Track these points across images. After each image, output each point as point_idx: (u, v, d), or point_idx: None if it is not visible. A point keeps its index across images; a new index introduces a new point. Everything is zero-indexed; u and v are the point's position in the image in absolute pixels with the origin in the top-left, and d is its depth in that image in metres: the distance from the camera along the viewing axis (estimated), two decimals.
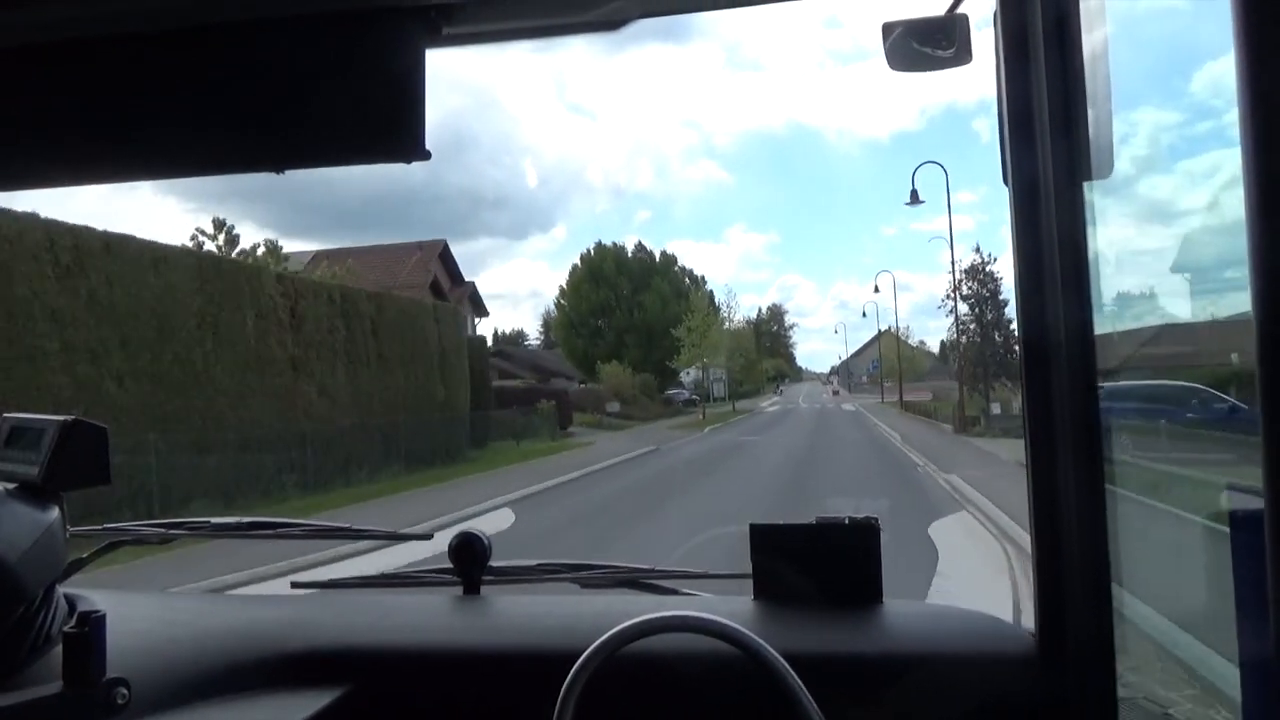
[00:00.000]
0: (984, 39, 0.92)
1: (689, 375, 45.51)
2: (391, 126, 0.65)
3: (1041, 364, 0.84)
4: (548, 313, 46.54)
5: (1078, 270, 0.84)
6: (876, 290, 41.15)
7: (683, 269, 47.12)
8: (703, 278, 48.55)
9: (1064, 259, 0.83)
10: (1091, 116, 0.85)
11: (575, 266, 45.33)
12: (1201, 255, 1.00)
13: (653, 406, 35.38)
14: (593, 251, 45.36)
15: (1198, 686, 0.85)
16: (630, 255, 45.65)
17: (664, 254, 46.12)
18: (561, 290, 46.14)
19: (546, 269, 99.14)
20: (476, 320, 36.16)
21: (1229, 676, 0.62)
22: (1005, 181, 0.89)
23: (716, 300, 44.51)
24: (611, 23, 0.72)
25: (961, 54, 0.92)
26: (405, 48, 0.64)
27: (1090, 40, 0.85)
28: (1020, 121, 0.85)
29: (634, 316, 41.77)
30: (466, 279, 34.46)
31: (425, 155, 0.65)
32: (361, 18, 0.65)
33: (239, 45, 0.65)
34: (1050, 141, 0.84)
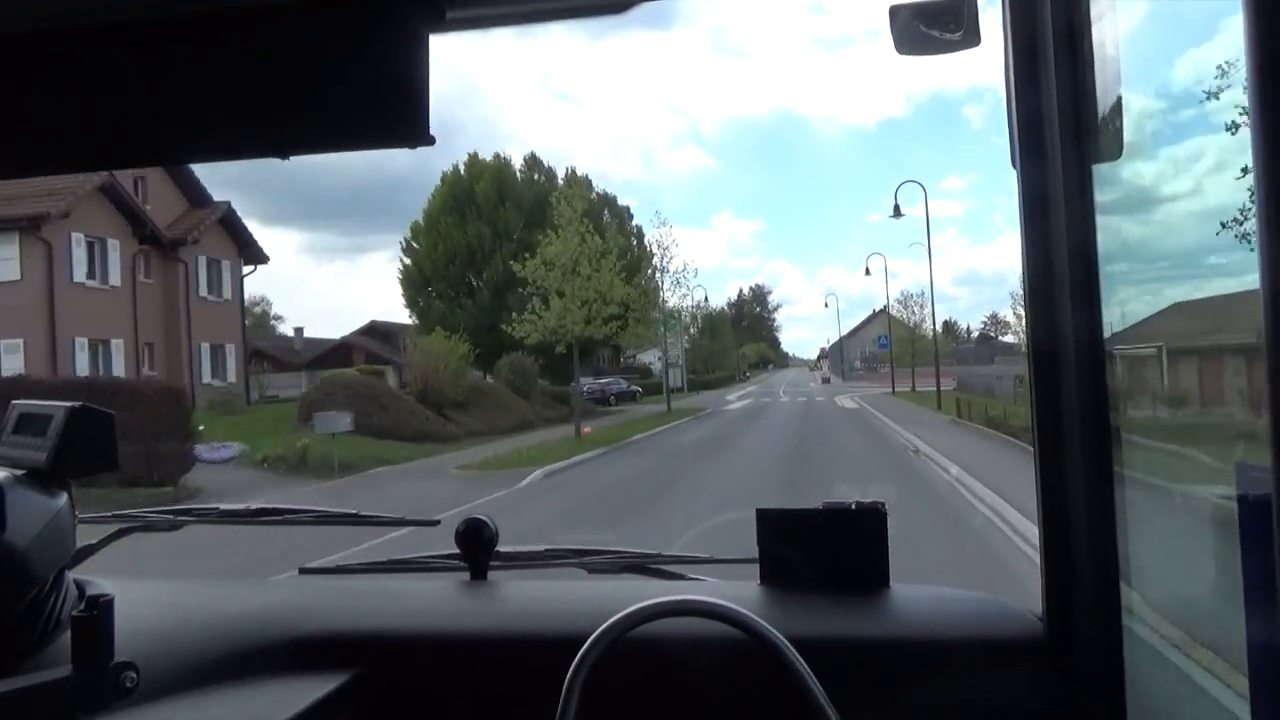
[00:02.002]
0: (989, 21, 1.42)
1: (659, 360, 42.55)
2: (396, 111, 0.95)
3: (1051, 353, 1.30)
4: None
5: (1087, 262, 1.25)
6: (897, 213, 36.00)
7: (603, 195, 45.60)
8: (628, 209, 46.93)
9: (1073, 250, 1.25)
10: (1101, 103, 1.25)
11: (437, 189, 43.31)
12: (1201, 239, 1.53)
13: (524, 408, 31.85)
14: (463, 169, 43.06)
15: (1207, 665, 1.16)
16: (519, 174, 42.42)
17: (572, 172, 44.51)
18: (414, 228, 43.33)
19: None
20: (245, 267, 32.57)
21: (1239, 655, 0.87)
22: (1014, 165, 1.37)
23: (645, 236, 41.06)
24: (615, 5, 1.05)
25: (970, 36, 1.39)
26: (409, 32, 0.94)
27: (1100, 26, 1.26)
28: (1029, 108, 1.31)
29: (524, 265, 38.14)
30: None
31: (430, 140, 0.96)
32: (365, 2, 0.94)
33: (242, 30, 0.97)
34: (1059, 129, 1.28)
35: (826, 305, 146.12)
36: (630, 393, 45.52)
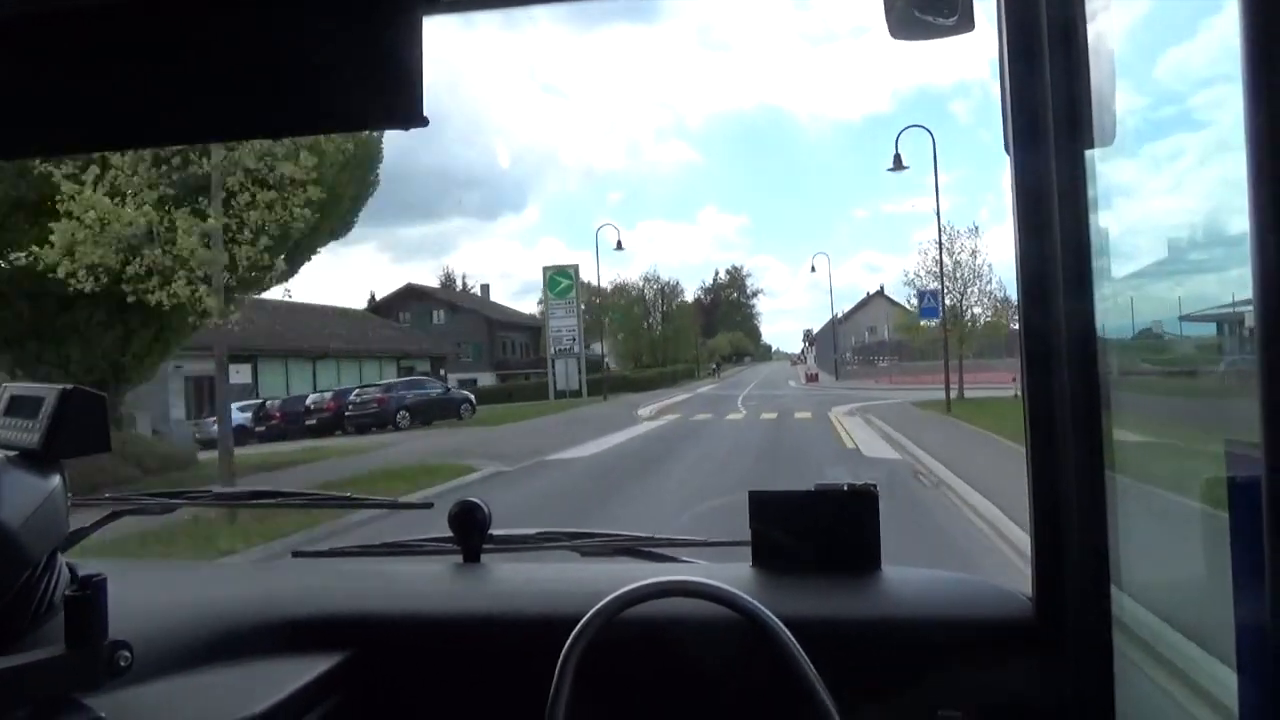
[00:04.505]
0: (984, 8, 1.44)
1: (562, 348, 36.57)
2: (390, 93, 0.98)
3: (1044, 341, 1.33)
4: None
5: (1080, 251, 1.27)
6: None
7: None
8: None
9: (1067, 239, 1.27)
10: (1095, 90, 1.29)
11: None
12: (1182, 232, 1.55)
13: None
14: None
15: (1195, 651, 1.17)
16: None
17: None
18: None
19: (519, 249, 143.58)
20: None
21: (1227, 638, 0.89)
22: (1007, 153, 1.39)
23: None
24: None
25: (964, 22, 1.41)
26: (402, 12, 0.96)
27: (1096, 14, 1.27)
28: (1024, 95, 1.34)
29: None
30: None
31: (423, 121, 0.98)
32: None
33: (235, 12, 0.99)
34: (1054, 117, 1.30)
35: (814, 269, 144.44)
36: (453, 402, 31.01)
